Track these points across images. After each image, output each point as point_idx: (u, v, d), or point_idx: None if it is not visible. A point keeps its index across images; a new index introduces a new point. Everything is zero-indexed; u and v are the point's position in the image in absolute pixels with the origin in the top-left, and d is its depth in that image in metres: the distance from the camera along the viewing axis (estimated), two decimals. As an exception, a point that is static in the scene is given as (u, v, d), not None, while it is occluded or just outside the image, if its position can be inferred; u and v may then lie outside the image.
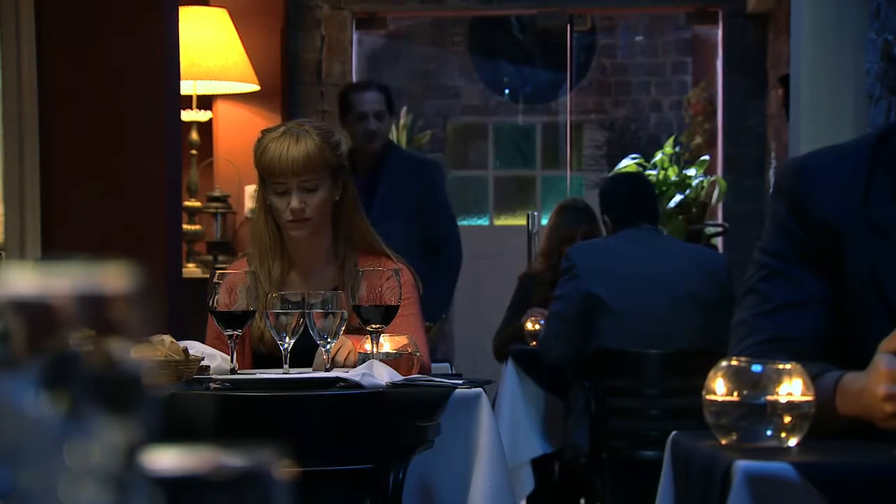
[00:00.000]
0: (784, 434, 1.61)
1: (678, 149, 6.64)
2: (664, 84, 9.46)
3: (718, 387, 1.63)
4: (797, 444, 1.62)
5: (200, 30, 5.48)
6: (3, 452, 0.49)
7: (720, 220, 6.62)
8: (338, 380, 2.43)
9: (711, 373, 1.65)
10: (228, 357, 2.58)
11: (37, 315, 0.51)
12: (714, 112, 7.07)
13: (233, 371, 2.55)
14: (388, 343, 2.66)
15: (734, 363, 1.64)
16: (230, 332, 2.55)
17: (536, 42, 9.47)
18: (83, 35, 4.09)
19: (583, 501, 4.75)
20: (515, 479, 4.32)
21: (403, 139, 7.74)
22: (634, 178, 4.83)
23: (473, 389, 2.56)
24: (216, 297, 2.56)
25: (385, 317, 2.60)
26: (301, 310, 2.55)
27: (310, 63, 6.71)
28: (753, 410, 1.60)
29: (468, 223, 9.86)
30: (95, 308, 0.51)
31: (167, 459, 0.55)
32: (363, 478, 2.39)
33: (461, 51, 9.67)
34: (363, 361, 2.56)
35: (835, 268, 1.84)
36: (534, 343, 4.74)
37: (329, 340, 2.55)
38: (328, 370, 2.56)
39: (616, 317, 4.16)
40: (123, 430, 0.51)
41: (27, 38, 4.01)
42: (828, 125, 3.98)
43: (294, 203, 2.84)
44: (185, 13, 4.94)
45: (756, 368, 1.63)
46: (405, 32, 9.20)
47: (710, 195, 6.34)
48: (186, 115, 5.30)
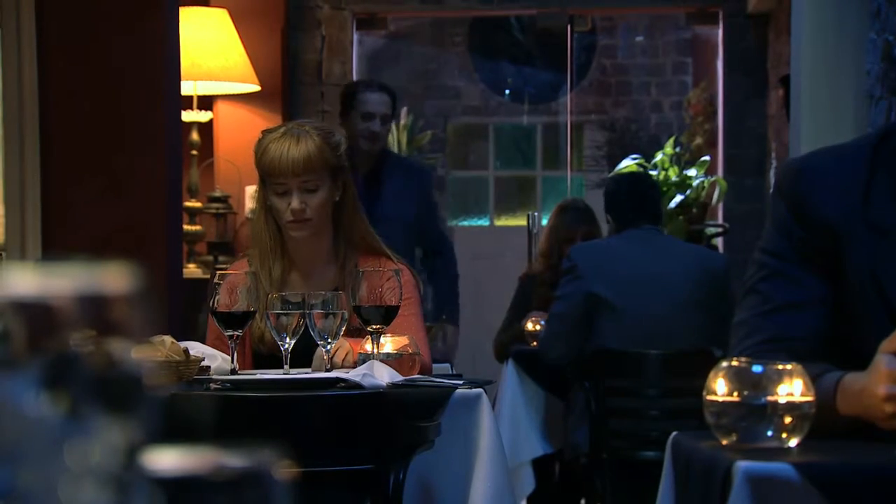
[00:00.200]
0: (784, 434, 1.61)
1: (679, 149, 6.64)
2: (665, 84, 9.46)
3: (719, 387, 1.63)
4: (798, 445, 1.62)
5: (201, 30, 5.48)
6: (4, 452, 0.49)
7: (721, 221, 6.61)
8: (338, 380, 2.43)
9: (712, 373, 1.65)
10: (229, 357, 2.58)
11: (37, 315, 0.51)
12: (714, 112, 7.06)
13: (233, 371, 2.55)
14: (389, 343, 2.66)
15: (734, 363, 1.64)
16: (230, 333, 2.55)
17: (537, 42, 9.47)
18: (84, 35, 4.09)
19: (583, 502, 4.74)
20: (516, 480, 4.32)
21: (404, 139, 7.74)
22: (638, 179, 4.83)
23: (474, 390, 2.57)
24: (216, 298, 2.56)
25: (385, 317, 2.60)
26: (301, 310, 2.55)
27: (310, 63, 6.71)
28: (754, 411, 1.60)
29: (468, 223, 9.86)
30: (96, 308, 0.51)
31: (167, 460, 0.55)
32: (363, 478, 2.39)
33: (461, 51, 9.67)
34: (364, 362, 2.56)
35: (835, 268, 1.84)
36: (534, 343, 4.74)
37: (329, 341, 2.55)
38: (328, 371, 2.56)
39: (617, 317, 4.16)
40: (124, 431, 0.51)
41: (28, 39, 4.01)
42: (828, 125, 3.98)
43: (294, 203, 2.84)
44: (186, 13, 4.94)
45: (756, 369, 1.63)
46: (405, 33, 9.20)
47: (711, 195, 6.34)
48: (187, 116, 5.29)
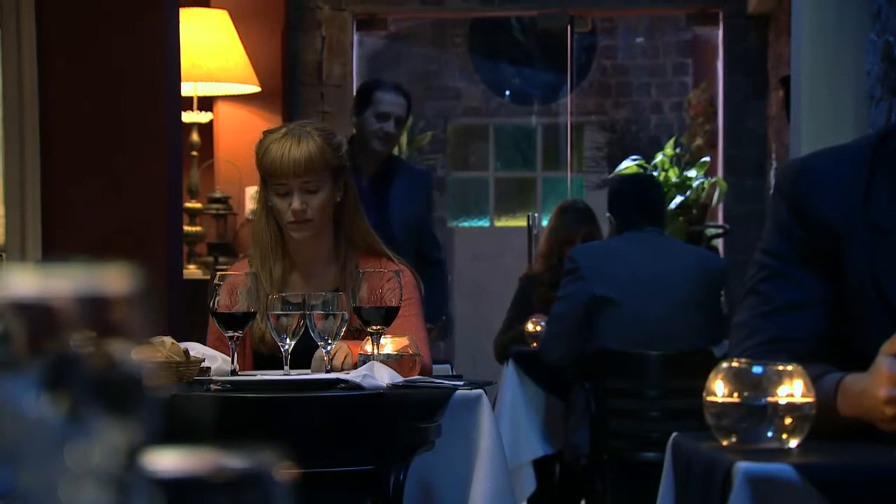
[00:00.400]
0: (785, 435, 1.61)
1: (679, 150, 6.64)
2: (665, 85, 9.46)
3: (719, 388, 1.63)
4: (798, 446, 1.62)
5: (201, 31, 5.48)
6: (4, 453, 0.49)
7: (721, 222, 6.61)
8: (338, 381, 2.43)
9: (712, 374, 1.65)
10: (229, 358, 2.58)
11: (37, 316, 0.51)
12: (715, 113, 7.06)
13: (233, 372, 2.55)
14: (389, 344, 2.66)
15: (735, 364, 1.64)
16: (231, 334, 2.55)
17: (537, 43, 9.48)
18: (84, 36, 4.09)
19: (583, 503, 4.74)
20: (516, 480, 4.32)
21: (404, 140, 7.73)
22: (643, 181, 4.84)
23: (474, 391, 2.57)
24: (217, 299, 2.56)
25: (386, 318, 2.60)
26: (302, 311, 2.55)
27: (310, 64, 6.71)
28: (754, 412, 1.60)
29: (469, 224, 9.86)
30: (96, 309, 0.51)
31: (168, 461, 0.55)
32: (364, 479, 2.39)
33: (462, 52, 9.67)
34: (364, 363, 2.55)
35: (835, 268, 1.84)
36: (534, 344, 4.74)
37: (329, 342, 2.55)
38: (327, 372, 2.56)
39: (618, 318, 4.16)
40: (124, 432, 0.51)
41: (28, 40, 4.01)
42: (828, 126, 3.98)
43: (295, 204, 2.84)
44: (186, 14, 4.95)
45: (757, 370, 1.62)
46: (406, 34, 9.20)
47: (711, 196, 6.33)
48: (187, 117, 5.30)
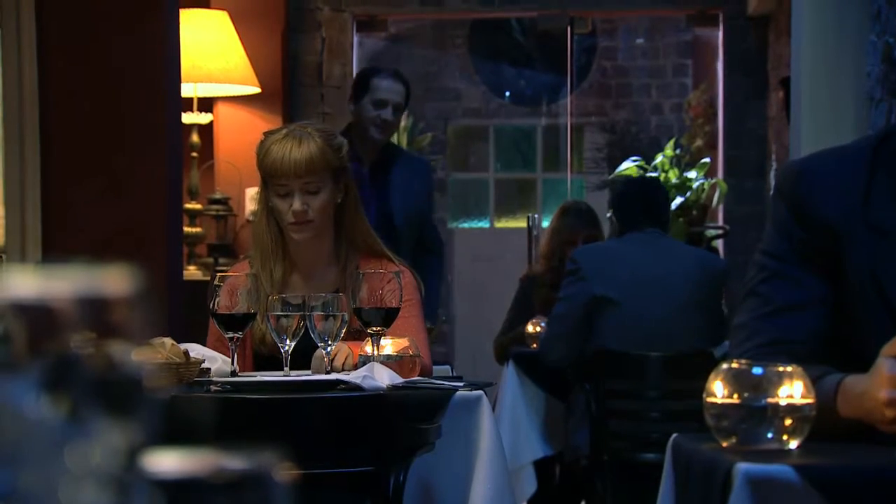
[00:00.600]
0: (785, 436, 1.61)
1: (679, 151, 6.64)
2: (665, 86, 9.46)
3: (719, 389, 1.63)
4: (798, 447, 1.62)
5: (201, 32, 5.48)
6: (4, 455, 0.49)
7: (721, 223, 6.61)
8: (338, 382, 2.43)
9: (712, 375, 1.65)
10: (229, 359, 2.58)
11: (38, 318, 0.51)
12: (715, 114, 7.06)
13: (233, 373, 2.55)
14: (389, 345, 2.65)
15: (735, 366, 1.64)
16: (231, 335, 2.55)
17: (537, 44, 9.48)
18: (84, 37, 4.09)
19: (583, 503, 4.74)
20: (517, 481, 4.32)
21: (404, 141, 7.73)
22: (646, 183, 4.85)
23: (474, 392, 2.57)
24: (217, 300, 2.56)
25: (386, 319, 2.60)
26: (302, 312, 2.55)
27: (310, 65, 6.71)
28: (754, 413, 1.60)
29: (469, 225, 9.86)
30: (96, 311, 0.51)
31: (168, 462, 0.55)
32: (364, 480, 2.39)
33: (462, 53, 9.67)
34: (364, 364, 2.55)
35: (835, 269, 1.84)
36: (534, 345, 4.74)
37: (330, 343, 2.55)
38: (327, 373, 2.56)
39: (618, 319, 4.17)
40: (124, 433, 0.51)
41: (28, 41, 4.01)
42: (828, 127, 3.98)
43: (296, 205, 2.84)
44: (186, 15, 4.95)
45: (757, 371, 1.62)
46: (406, 35, 9.20)
47: (711, 197, 6.34)
48: (187, 118, 5.29)
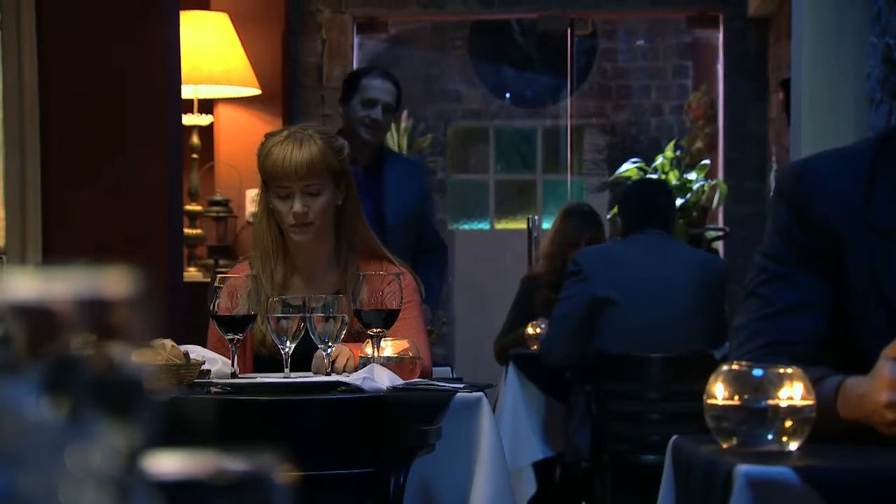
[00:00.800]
0: (785, 438, 1.61)
1: (679, 153, 6.64)
2: (665, 88, 9.46)
3: (719, 391, 1.62)
4: (798, 449, 1.61)
5: (201, 34, 5.49)
6: (4, 456, 0.49)
7: (721, 224, 6.61)
8: (339, 384, 2.43)
9: (712, 377, 1.65)
10: (229, 361, 2.58)
11: (38, 319, 0.51)
12: (715, 116, 7.06)
13: (233, 375, 2.55)
14: (390, 347, 2.66)
15: (735, 367, 1.64)
16: (231, 337, 2.55)
17: (537, 46, 9.48)
18: (84, 39, 4.09)
19: (584, 505, 4.74)
20: (517, 483, 4.32)
21: (404, 143, 7.74)
22: (651, 185, 4.86)
23: (474, 393, 2.57)
24: (217, 301, 2.56)
25: (386, 321, 2.60)
26: (302, 314, 2.55)
27: (311, 67, 6.71)
28: (754, 414, 1.60)
29: (469, 227, 9.86)
30: (96, 312, 0.51)
31: (168, 463, 0.55)
32: (364, 481, 2.39)
33: (462, 55, 9.67)
34: (364, 365, 2.55)
35: (836, 270, 1.84)
36: (535, 347, 4.74)
37: (330, 344, 2.55)
38: (328, 374, 2.56)
39: (619, 320, 4.17)
40: (124, 435, 0.51)
41: (29, 44, 4.01)
42: (829, 129, 3.98)
43: (297, 207, 2.84)
44: (187, 17, 4.95)
45: (757, 372, 1.62)
46: (406, 36, 9.20)
47: (711, 199, 6.34)
48: (188, 119, 5.30)
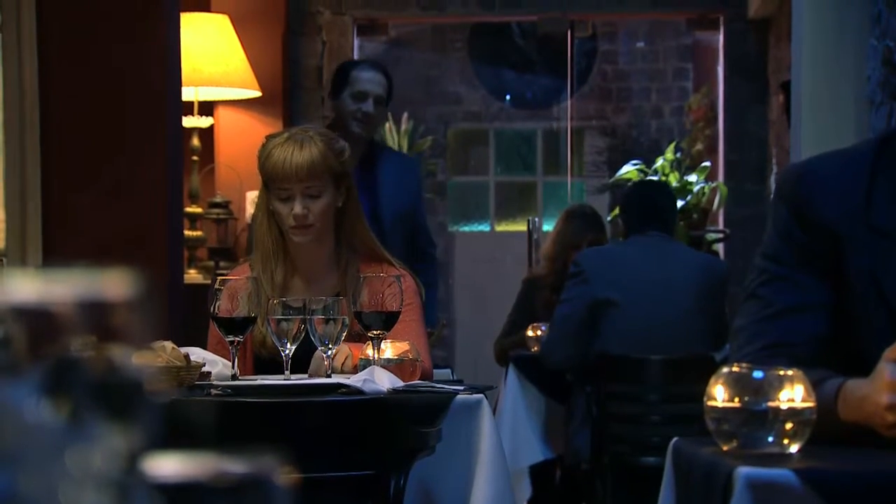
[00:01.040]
0: (786, 440, 1.61)
1: (679, 155, 6.64)
2: (665, 90, 9.46)
3: (719, 393, 1.62)
4: (799, 451, 1.61)
5: (202, 36, 5.49)
6: (5, 457, 0.49)
7: (721, 226, 6.61)
8: (339, 386, 2.42)
9: (712, 379, 1.65)
10: (230, 363, 2.58)
11: (38, 321, 0.51)
12: (715, 118, 7.06)
13: (234, 377, 2.55)
14: (390, 349, 2.66)
15: (735, 369, 1.64)
16: (231, 339, 2.55)
17: (537, 48, 9.48)
18: (85, 41, 4.09)
19: (584, 507, 4.74)
20: (516, 486, 4.32)
21: (405, 145, 7.73)
22: (652, 187, 4.86)
23: (475, 395, 2.56)
24: (217, 303, 2.56)
25: (386, 323, 2.60)
26: (302, 316, 2.55)
27: (311, 69, 6.71)
28: (755, 417, 1.60)
29: (469, 229, 9.86)
30: (97, 314, 0.51)
31: (168, 466, 0.55)
32: (364, 483, 2.39)
33: (462, 57, 9.67)
34: (365, 367, 2.55)
35: (836, 271, 1.84)
36: (535, 348, 4.74)
37: (330, 346, 2.55)
38: (328, 375, 2.56)
39: (620, 321, 4.17)
40: (125, 437, 0.51)
41: (29, 45, 4.01)
42: (829, 131, 3.98)
43: (297, 209, 2.84)
44: (187, 19, 4.95)
45: (757, 374, 1.62)
46: (406, 39, 9.20)
47: (712, 201, 6.34)
48: (188, 122, 5.30)
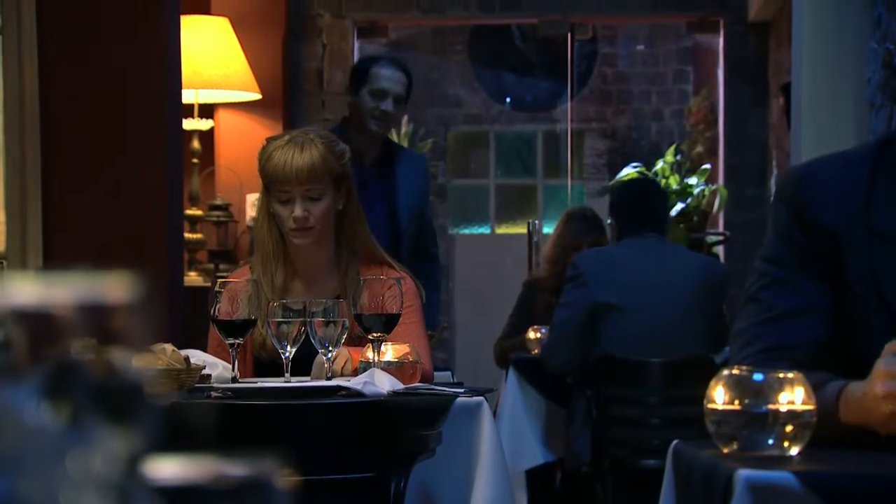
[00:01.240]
0: (786, 443, 1.61)
1: (679, 157, 6.64)
2: (665, 93, 9.46)
3: (719, 395, 1.62)
4: (799, 453, 1.61)
5: (202, 38, 5.49)
6: (5, 461, 0.49)
7: (721, 229, 6.61)
8: (339, 388, 2.43)
9: (713, 381, 1.65)
10: (230, 365, 2.58)
11: (38, 324, 0.51)
12: (715, 121, 7.06)
13: (234, 379, 2.55)
14: (390, 351, 2.66)
15: (735, 372, 1.64)
16: (231, 341, 2.55)
17: (538, 51, 9.48)
18: (85, 43, 4.09)
19: (584, 510, 4.74)
20: (515, 489, 4.32)
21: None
22: (643, 186, 4.83)
23: (475, 398, 2.57)
24: (218, 306, 2.56)
25: (386, 325, 2.60)
26: (302, 318, 2.55)
27: (311, 72, 6.71)
28: (755, 419, 1.60)
29: (469, 231, 9.86)
30: (97, 317, 0.51)
31: (169, 468, 0.55)
32: (365, 486, 2.39)
33: (462, 59, 9.67)
34: (365, 370, 2.55)
35: (836, 274, 1.84)
36: (535, 351, 4.74)
37: (330, 349, 2.55)
38: (328, 379, 2.56)
39: (620, 324, 4.16)
40: (125, 440, 0.51)
41: (29, 47, 4.01)
42: (829, 133, 3.98)
43: (298, 211, 2.84)
44: (187, 22, 4.95)
45: (757, 377, 1.62)
46: (406, 41, 9.20)
47: (712, 204, 6.34)
48: (188, 124, 5.30)
